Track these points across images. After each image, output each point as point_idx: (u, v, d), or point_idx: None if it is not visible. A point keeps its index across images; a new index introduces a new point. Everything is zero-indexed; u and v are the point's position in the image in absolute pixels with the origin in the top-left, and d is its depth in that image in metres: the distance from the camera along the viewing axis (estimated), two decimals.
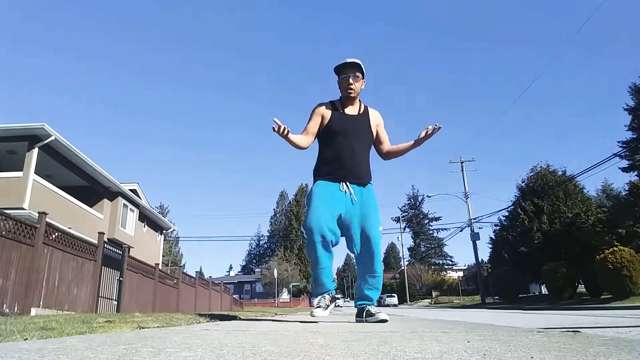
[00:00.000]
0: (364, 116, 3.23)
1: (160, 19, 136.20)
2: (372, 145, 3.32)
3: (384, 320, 2.85)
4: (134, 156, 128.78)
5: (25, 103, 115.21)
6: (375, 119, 3.29)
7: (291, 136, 2.98)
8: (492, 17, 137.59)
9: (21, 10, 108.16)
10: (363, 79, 3.20)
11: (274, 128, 2.85)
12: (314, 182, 3.12)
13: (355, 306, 3.11)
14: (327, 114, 3.16)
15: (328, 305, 2.99)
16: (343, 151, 3.08)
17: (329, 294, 3.03)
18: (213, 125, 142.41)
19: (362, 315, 2.98)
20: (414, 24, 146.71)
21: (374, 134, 3.27)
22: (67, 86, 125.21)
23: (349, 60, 3.16)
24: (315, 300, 3.00)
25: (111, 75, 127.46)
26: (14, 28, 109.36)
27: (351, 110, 3.21)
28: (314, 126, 3.17)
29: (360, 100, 3.28)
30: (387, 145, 3.36)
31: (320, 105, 3.23)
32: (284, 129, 2.88)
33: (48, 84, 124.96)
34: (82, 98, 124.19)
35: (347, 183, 3.04)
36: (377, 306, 3.05)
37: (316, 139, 3.21)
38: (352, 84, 3.12)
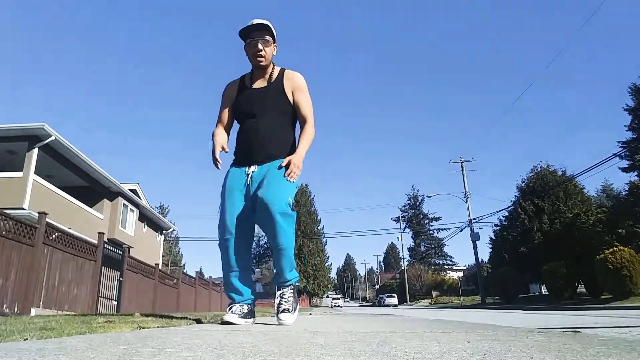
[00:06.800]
0: (275, 85, 2.74)
1: (158, 16, 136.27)
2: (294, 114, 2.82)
3: (283, 325, 2.49)
4: (134, 156, 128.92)
5: (25, 103, 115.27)
6: (292, 84, 2.76)
7: (221, 143, 2.74)
8: (491, 16, 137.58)
9: (22, 5, 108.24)
10: (274, 42, 2.73)
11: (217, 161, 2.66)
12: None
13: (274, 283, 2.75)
14: (234, 93, 2.82)
15: (245, 316, 2.58)
16: (249, 132, 2.72)
17: (246, 305, 2.62)
18: (214, 124, 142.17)
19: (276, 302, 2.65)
20: (411, 17, 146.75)
21: (291, 100, 2.75)
22: (68, 86, 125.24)
23: (255, 21, 2.65)
24: (228, 308, 2.62)
25: (111, 74, 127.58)
26: (14, 23, 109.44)
27: (261, 82, 2.77)
28: (225, 113, 2.85)
29: (273, 65, 2.80)
30: (303, 119, 2.78)
31: (228, 85, 2.88)
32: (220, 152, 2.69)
33: (48, 83, 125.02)
34: (82, 98, 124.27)
35: (252, 166, 2.67)
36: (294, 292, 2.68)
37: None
38: (261, 50, 2.65)
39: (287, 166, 2.57)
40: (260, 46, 2.65)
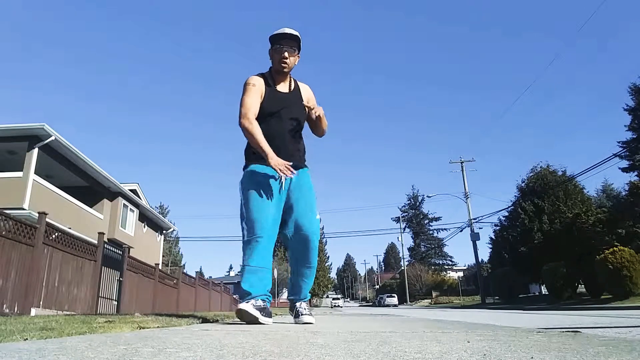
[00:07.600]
0: (296, 93, 2.98)
1: (159, 16, 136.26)
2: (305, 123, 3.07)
3: (309, 323, 2.76)
4: (134, 156, 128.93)
5: (25, 103, 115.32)
6: (307, 95, 3.03)
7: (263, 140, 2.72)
8: (493, 15, 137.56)
9: (22, 7, 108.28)
10: (298, 54, 2.92)
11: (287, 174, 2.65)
12: (247, 166, 2.87)
13: (288, 298, 3.06)
14: (263, 90, 2.87)
15: (261, 309, 2.60)
16: (276, 134, 2.81)
17: (262, 300, 2.67)
18: (213, 124, 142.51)
19: (294, 311, 2.96)
20: (412, 14, 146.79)
21: (307, 111, 2.99)
22: (68, 85, 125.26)
23: (287, 30, 2.85)
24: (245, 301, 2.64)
25: (112, 74, 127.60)
26: (15, 25, 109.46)
27: (283, 86, 2.96)
28: (257, 102, 2.83)
29: (290, 76, 3.02)
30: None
31: (254, 77, 2.91)
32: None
33: (48, 83, 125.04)
34: (83, 97, 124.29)
35: None
36: (308, 302, 3.05)
37: None
38: (286, 58, 2.84)
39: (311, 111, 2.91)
40: (286, 54, 2.84)
